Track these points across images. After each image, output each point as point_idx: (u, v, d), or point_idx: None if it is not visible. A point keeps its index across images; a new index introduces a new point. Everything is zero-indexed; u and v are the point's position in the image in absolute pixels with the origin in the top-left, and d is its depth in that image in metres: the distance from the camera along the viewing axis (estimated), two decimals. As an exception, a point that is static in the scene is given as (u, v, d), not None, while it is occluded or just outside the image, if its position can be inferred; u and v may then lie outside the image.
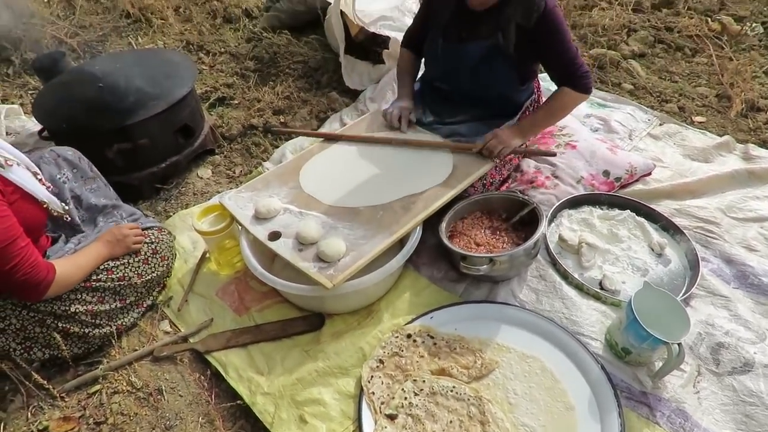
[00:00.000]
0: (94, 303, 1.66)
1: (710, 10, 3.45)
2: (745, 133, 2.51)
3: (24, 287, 1.44)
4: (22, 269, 1.41)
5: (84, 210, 1.87)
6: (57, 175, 1.81)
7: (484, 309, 1.70)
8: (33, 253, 1.44)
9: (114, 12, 3.81)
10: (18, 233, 1.41)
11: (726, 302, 1.72)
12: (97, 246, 1.68)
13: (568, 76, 1.90)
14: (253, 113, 2.82)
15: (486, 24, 1.91)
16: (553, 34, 1.84)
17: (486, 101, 2.06)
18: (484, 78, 1.99)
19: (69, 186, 1.83)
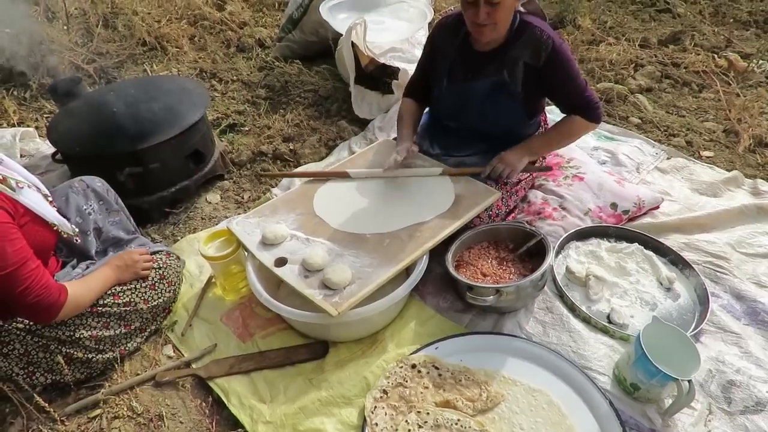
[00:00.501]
0: (99, 328, 1.66)
1: (717, 47, 3.49)
2: (753, 168, 2.51)
3: (36, 309, 1.44)
4: (34, 291, 1.41)
5: (101, 242, 1.88)
6: (83, 205, 1.84)
7: (490, 340, 1.68)
8: (44, 275, 1.45)
9: (131, 40, 3.90)
10: (29, 255, 1.41)
11: (737, 339, 1.69)
12: (106, 270, 1.69)
13: (581, 108, 1.94)
14: (263, 140, 2.86)
15: (492, 64, 1.94)
16: (563, 71, 1.86)
17: (493, 136, 2.08)
18: (491, 114, 2.01)
19: (93, 218, 1.85)
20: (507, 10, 1.76)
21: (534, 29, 1.85)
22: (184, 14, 4.23)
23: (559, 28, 3.86)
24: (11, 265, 1.36)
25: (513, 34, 1.88)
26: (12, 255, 1.37)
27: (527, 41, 1.85)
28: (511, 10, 1.79)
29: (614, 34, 3.72)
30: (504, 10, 1.75)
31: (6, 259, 1.36)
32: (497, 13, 1.74)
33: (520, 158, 1.96)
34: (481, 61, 1.96)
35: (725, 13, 3.87)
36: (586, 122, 1.96)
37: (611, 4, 4.12)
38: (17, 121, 3.09)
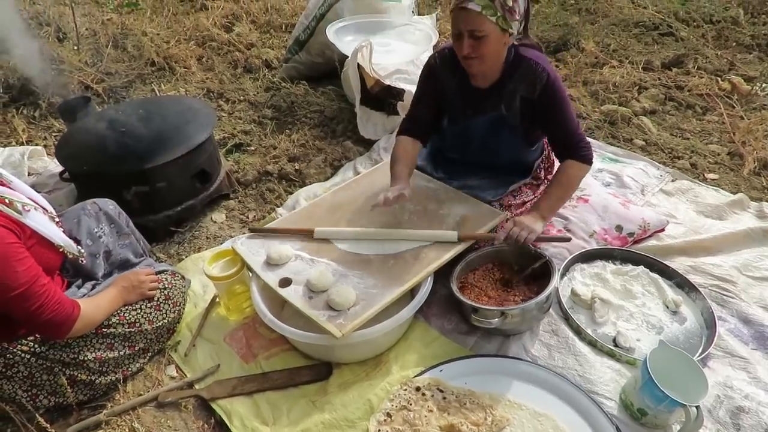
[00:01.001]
0: (103, 350, 1.65)
1: (720, 70, 3.51)
2: (758, 191, 2.50)
3: (51, 325, 1.45)
4: (48, 307, 1.42)
5: (109, 264, 1.88)
6: (95, 228, 1.85)
7: (495, 363, 1.67)
8: (56, 290, 1.46)
9: (140, 60, 3.96)
10: (39, 272, 1.43)
11: (745, 364, 1.67)
12: (113, 291, 1.69)
13: (570, 146, 1.92)
14: (269, 160, 2.88)
15: (490, 99, 1.94)
16: (556, 104, 1.86)
17: (496, 165, 2.09)
18: (493, 147, 2.03)
19: (104, 240, 1.86)
20: (492, 44, 1.74)
21: (529, 62, 1.84)
22: (192, 35, 4.30)
23: (563, 51, 3.90)
24: (23, 284, 1.38)
25: (509, 68, 1.87)
26: (23, 274, 1.38)
27: (523, 74, 1.85)
28: (498, 44, 1.76)
29: (618, 56, 3.75)
30: (489, 44, 1.73)
31: (17, 279, 1.37)
32: (482, 46, 1.73)
33: (535, 221, 1.82)
34: (480, 98, 1.96)
35: (728, 37, 3.90)
36: (579, 165, 1.92)
37: (614, 28, 4.16)
38: (26, 139, 3.12)
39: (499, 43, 1.76)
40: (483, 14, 1.67)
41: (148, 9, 4.68)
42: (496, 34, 1.73)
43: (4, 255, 1.36)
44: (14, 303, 1.38)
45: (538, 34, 4.11)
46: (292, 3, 4.72)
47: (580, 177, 1.96)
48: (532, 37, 1.93)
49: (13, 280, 1.36)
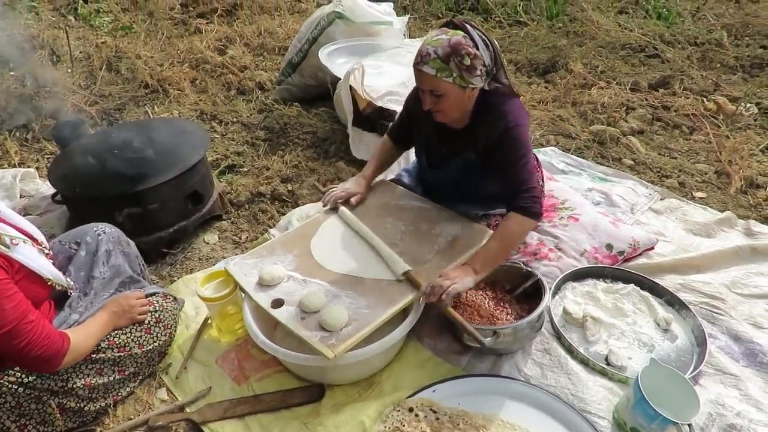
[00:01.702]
0: (92, 376, 1.63)
1: (705, 91, 3.58)
2: (745, 209, 2.54)
3: (40, 361, 1.44)
4: (38, 344, 1.41)
5: (108, 267, 1.86)
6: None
7: (488, 383, 1.67)
8: (45, 325, 1.44)
9: (133, 82, 3.99)
10: (27, 308, 1.41)
11: (736, 381, 1.68)
12: (104, 316, 1.67)
13: (515, 195, 1.79)
14: (262, 181, 2.89)
15: (462, 140, 1.95)
16: (510, 150, 1.81)
17: (475, 200, 2.12)
18: (467, 189, 2.05)
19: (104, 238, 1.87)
20: (452, 100, 1.75)
21: (495, 108, 1.83)
22: (186, 58, 4.34)
23: (552, 72, 3.97)
24: (11, 322, 1.36)
25: (478, 114, 1.87)
26: (11, 312, 1.37)
27: (488, 119, 1.84)
28: (460, 99, 1.76)
29: (605, 78, 3.83)
30: (448, 101, 1.75)
31: (6, 317, 1.36)
32: (442, 102, 1.75)
33: (465, 275, 1.67)
34: (454, 138, 1.98)
35: (712, 58, 3.99)
36: (521, 218, 1.77)
37: (602, 50, 4.25)
38: (18, 161, 3.12)
39: (461, 97, 1.77)
40: (438, 77, 1.69)
41: (143, 32, 4.73)
42: (455, 92, 1.73)
43: None
44: (2, 340, 1.37)
45: (527, 56, 4.19)
46: (285, 26, 4.79)
47: (522, 231, 1.84)
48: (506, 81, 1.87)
49: (0, 318, 1.35)
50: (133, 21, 4.97)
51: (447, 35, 1.69)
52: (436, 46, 1.67)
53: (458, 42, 1.67)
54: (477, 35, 1.71)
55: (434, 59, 1.67)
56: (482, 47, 1.71)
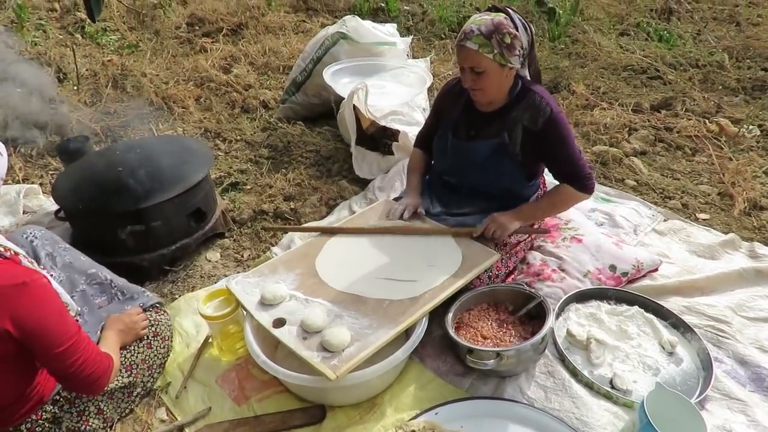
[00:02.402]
0: (104, 401, 1.63)
1: (707, 113, 3.59)
2: (749, 231, 2.53)
3: (90, 381, 1.39)
4: (90, 362, 1.38)
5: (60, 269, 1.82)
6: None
7: (491, 406, 1.65)
8: (94, 345, 1.42)
9: (138, 100, 4.01)
10: (79, 325, 1.38)
11: (743, 406, 1.66)
12: (112, 336, 1.65)
13: (572, 177, 2.00)
14: (265, 199, 2.89)
15: (493, 124, 2.01)
16: (558, 138, 1.93)
17: (493, 195, 2.12)
18: (492, 174, 2.06)
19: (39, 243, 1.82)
20: (492, 78, 1.86)
21: (534, 95, 1.94)
22: (191, 76, 4.37)
23: (554, 93, 3.99)
24: (71, 338, 1.34)
25: (515, 98, 1.97)
26: (72, 326, 1.35)
27: (527, 105, 1.94)
28: (499, 78, 1.87)
29: (607, 99, 3.84)
30: (489, 78, 1.85)
31: (69, 330, 1.34)
32: (482, 80, 1.86)
33: (511, 220, 1.98)
34: (484, 121, 2.04)
35: (714, 80, 4.01)
36: (576, 192, 2.01)
37: (604, 71, 4.27)
38: (22, 177, 3.13)
39: (500, 76, 1.87)
40: (480, 52, 1.78)
41: (149, 51, 4.78)
42: (495, 69, 1.83)
43: (58, 306, 1.33)
44: (61, 358, 1.32)
45: (529, 77, 4.22)
46: (289, 46, 4.83)
47: (574, 202, 2.08)
48: (532, 71, 2.02)
49: (64, 333, 1.32)
50: (140, 39, 5.03)
51: (490, 16, 1.81)
52: (480, 24, 1.79)
53: (500, 22, 1.80)
54: (517, 19, 1.84)
55: (477, 35, 1.78)
56: (521, 30, 1.84)
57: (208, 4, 5.58)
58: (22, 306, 1.26)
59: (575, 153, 1.98)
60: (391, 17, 5.48)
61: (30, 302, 1.28)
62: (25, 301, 1.27)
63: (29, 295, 1.27)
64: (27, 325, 1.27)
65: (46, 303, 1.31)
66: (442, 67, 4.45)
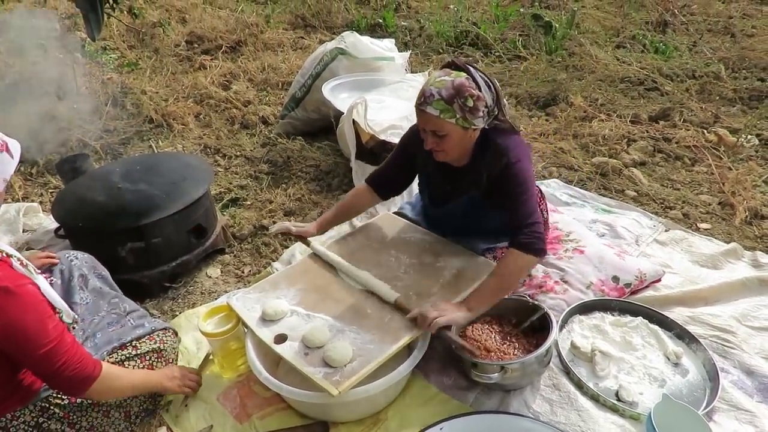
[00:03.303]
0: (99, 417, 1.61)
1: (705, 123, 3.61)
2: (751, 240, 2.52)
3: (73, 382, 1.43)
4: (72, 364, 1.41)
5: (89, 291, 1.86)
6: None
7: (496, 420, 1.62)
8: (79, 347, 1.46)
9: (138, 117, 4.03)
10: (64, 329, 1.43)
11: (751, 417, 1.64)
12: (155, 373, 1.69)
13: (517, 231, 1.78)
14: (265, 214, 2.89)
15: (465, 179, 1.95)
16: (511, 186, 1.81)
17: (481, 234, 2.11)
18: (473, 224, 2.04)
19: (77, 264, 1.88)
20: (454, 140, 1.77)
21: (497, 145, 1.84)
22: (190, 93, 4.40)
23: (552, 105, 4.01)
24: (53, 340, 1.38)
25: (479, 151, 1.88)
26: (53, 330, 1.38)
27: (490, 156, 1.85)
28: (462, 139, 1.78)
29: (606, 110, 3.86)
30: (450, 141, 1.77)
31: (48, 335, 1.37)
32: (444, 142, 1.77)
33: (457, 309, 1.70)
34: (457, 176, 1.98)
35: (711, 91, 4.03)
36: (523, 256, 1.75)
37: (601, 83, 4.30)
38: (22, 196, 3.13)
39: (463, 138, 1.79)
40: (441, 118, 1.71)
41: (148, 68, 4.81)
42: (457, 132, 1.75)
43: (41, 312, 1.38)
44: (44, 359, 1.37)
45: (527, 90, 4.24)
46: (288, 62, 4.86)
47: (521, 268, 1.81)
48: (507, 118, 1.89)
49: (44, 336, 1.36)
50: (139, 58, 5.06)
51: (450, 77, 1.72)
52: (440, 88, 1.69)
53: (462, 84, 1.69)
54: (479, 77, 1.74)
55: (438, 100, 1.69)
56: (484, 88, 1.73)
57: (207, 22, 5.63)
58: (1, 310, 1.31)
59: (528, 206, 1.79)
60: (389, 33, 5.53)
61: (9, 307, 1.32)
62: (4, 306, 1.32)
63: (10, 300, 1.32)
64: (4, 329, 1.32)
65: (27, 309, 1.35)
66: (441, 81, 4.47)
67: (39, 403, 1.52)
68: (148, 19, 5.61)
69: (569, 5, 5.75)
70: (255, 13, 5.96)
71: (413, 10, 6.21)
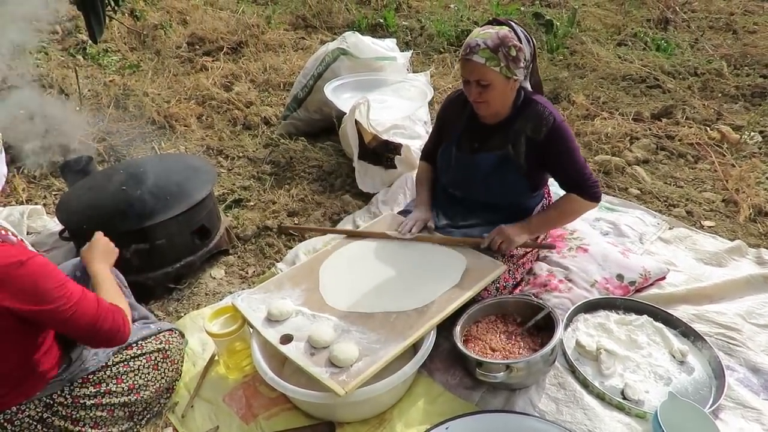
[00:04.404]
0: (103, 415, 1.61)
1: (708, 120, 3.60)
2: (756, 237, 2.52)
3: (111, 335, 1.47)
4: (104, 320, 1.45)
5: None
6: None
7: (502, 419, 1.62)
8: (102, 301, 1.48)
9: (141, 119, 4.04)
10: (80, 289, 1.44)
11: (758, 415, 1.64)
12: (100, 267, 1.71)
13: (578, 185, 1.99)
14: (268, 215, 2.89)
15: (497, 136, 2.01)
16: (562, 147, 1.93)
17: (497, 207, 2.11)
18: (496, 186, 2.06)
19: None
20: (498, 90, 1.87)
21: (537, 105, 1.95)
22: (192, 95, 4.40)
23: (555, 104, 4.00)
24: (77, 301, 1.40)
25: (517, 109, 1.98)
26: (75, 290, 1.41)
27: (530, 116, 1.94)
28: (504, 90, 1.89)
29: (608, 108, 3.85)
30: (494, 90, 1.86)
31: (70, 297, 1.39)
32: (488, 93, 1.87)
33: (519, 233, 1.97)
34: (487, 133, 2.04)
35: (713, 88, 4.02)
36: (583, 201, 1.99)
37: (603, 81, 4.29)
38: (26, 198, 3.14)
39: (505, 88, 1.88)
40: (487, 66, 1.79)
41: (150, 70, 4.81)
42: (501, 82, 1.84)
43: (59, 278, 1.39)
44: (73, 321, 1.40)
45: (529, 89, 4.23)
46: (289, 63, 4.86)
47: (582, 211, 2.05)
48: (533, 81, 2.03)
49: (67, 298, 1.38)
50: (141, 59, 5.07)
51: (494, 29, 1.83)
52: (485, 38, 1.80)
53: (505, 35, 1.82)
54: (520, 31, 1.87)
55: (484, 49, 1.79)
56: (525, 42, 1.86)
57: (208, 24, 5.63)
58: (22, 283, 1.33)
59: (580, 162, 1.98)
60: (390, 33, 5.52)
61: (29, 279, 1.34)
62: (24, 279, 1.33)
63: (27, 272, 1.33)
64: (30, 300, 1.33)
65: (46, 276, 1.37)
66: (442, 81, 4.47)
67: (44, 398, 1.52)
68: (149, 21, 5.61)
69: (570, 3, 5.74)
70: (256, 14, 5.95)
71: (414, 10, 6.20)
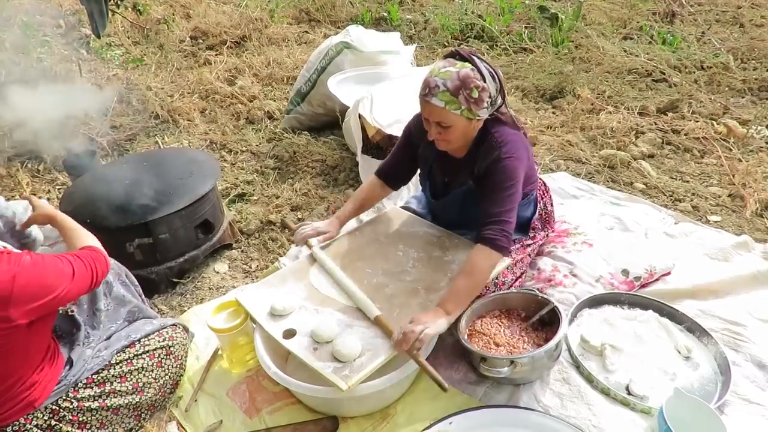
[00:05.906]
0: (109, 415, 1.62)
1: (714, 114, 3.57)
2: (762, 232, 2.50)
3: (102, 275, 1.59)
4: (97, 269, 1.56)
5: (111, 299, 1.85)
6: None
7: (506, 414, 1.62)
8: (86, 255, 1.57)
9: (144, 113, 4.03)
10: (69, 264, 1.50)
11: (763, 411, 1.63)
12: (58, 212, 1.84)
13: (487, 225, 1.76)
14: (272, 209, 2.89)
15: (464, 171, 1.94)
16: (496, 179, 1.79)
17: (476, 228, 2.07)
18: (474, 215, 1.90)
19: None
20: (458, 131, 1.76)
21: (492, 138, 1.82)
22: (196, 89, 4.39)
23: (559, 98, 3.98)
24: (68, 266, 1.47)
25: (477, 144, 1.87)
26: (66, 272, 1.46)
27: (486, 149, 1.84)
28: (466, 130, 1.77)
29: (613, 103, 3.83)
30: (455, 132, 1.75)
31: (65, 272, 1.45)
32: (449, 133, 1.76)
33: (436, 318, 1.63)
34: (455, 167, 1.97)
35: (720, 82, 3.99)
36: (487, 251, 1.74)
37: (608, 75, 4.26)
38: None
39: (467, 128, 1.78)
40: (447, 109, 1.69)
41: (153, 65, 4.81)
42: (462, 123, 1.74)
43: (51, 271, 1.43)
44: (76, 292, 1.49)
45: (534, 83, 4.21)
46: (293, 57, 4.85)
47: (488, 266, 1.77)
48: (509, 111, 1.89)
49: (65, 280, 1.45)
50: (144, 54, 5.06)
51: (455, 67, 1.69)
52: (445, 79, 1.67)
53: (467, 75, 1.67)
54: (484, 67, 1.71)
55: (443, 92, 1.67)
56: (489, 78, 1.71)
57: (212, 18, 5.62)
58: (19, 293, 1.35)
59: (507, 201, 1.77)
60: (394, 26, 5.50)
61: (25, 287, 1.36)
62: (20, 289, 1.35)
63: (21, 282, 1.35)
64: (31, 305, 1.37)
65: (41, 276, 1.40)
66: (446, 75, 4.44)
67: (50, 405, 1.52)
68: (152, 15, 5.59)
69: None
70: (259, 7, 5.93)
71: (418, 3, 6.17)
